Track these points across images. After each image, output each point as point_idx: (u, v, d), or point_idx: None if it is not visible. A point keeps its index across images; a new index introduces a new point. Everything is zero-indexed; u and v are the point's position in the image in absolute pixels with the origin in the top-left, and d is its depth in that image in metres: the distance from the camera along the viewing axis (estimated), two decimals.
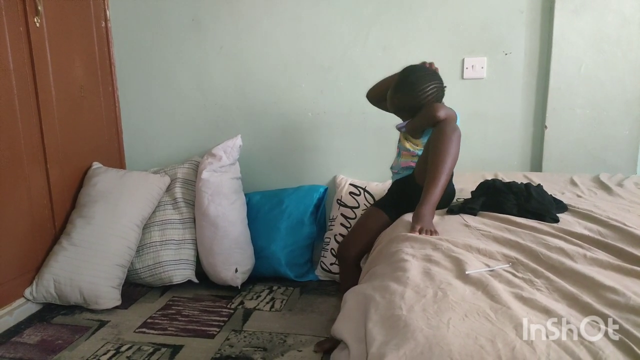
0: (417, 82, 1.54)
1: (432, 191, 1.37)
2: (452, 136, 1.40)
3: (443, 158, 1.38)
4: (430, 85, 1.54)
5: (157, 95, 2.55)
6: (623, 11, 2.03)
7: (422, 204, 1.36)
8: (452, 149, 1.39)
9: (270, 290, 2.24)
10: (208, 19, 2.42)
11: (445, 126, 1.43)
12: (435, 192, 1.37)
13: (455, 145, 1.40)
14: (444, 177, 1.38)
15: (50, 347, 1.74)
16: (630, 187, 1.76)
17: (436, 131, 1.44)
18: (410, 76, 1.57)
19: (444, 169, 1.38)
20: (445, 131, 1.41)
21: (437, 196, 1.38)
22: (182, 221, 2.29)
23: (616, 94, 2.09)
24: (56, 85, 2.14)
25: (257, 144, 2.48)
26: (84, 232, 2.07)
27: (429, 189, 1.38)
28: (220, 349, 1.71)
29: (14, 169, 1.95)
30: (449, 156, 1.38)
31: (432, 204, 1.36)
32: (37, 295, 2.01)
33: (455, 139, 1.40)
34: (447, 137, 1.40)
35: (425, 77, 1.55)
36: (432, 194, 1.37)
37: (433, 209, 1.37)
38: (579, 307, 0.82)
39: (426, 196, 1.37)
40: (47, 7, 2.07)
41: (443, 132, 1.41)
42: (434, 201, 1.37)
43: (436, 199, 1.37)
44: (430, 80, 1.54)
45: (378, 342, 0.78)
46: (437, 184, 1.37)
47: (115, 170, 2.35)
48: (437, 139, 1.42)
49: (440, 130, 1.43)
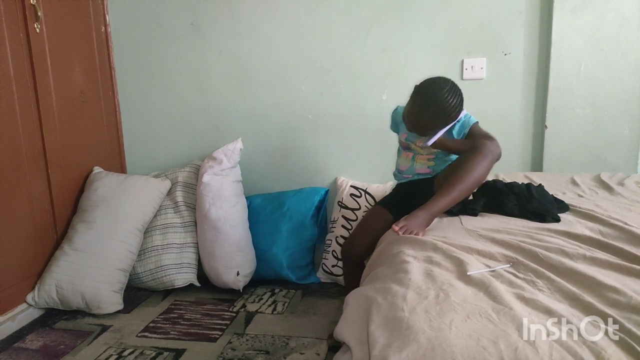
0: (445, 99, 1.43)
1: (440, 200, 1.35)
2: (487, 158, 1.37)
3: (469, 176, 1.35)
4: (454, 96, 1.45)
5: (158, 99, 2.55)
6: (622, 10, 2.03)
7: (424, 207, 1.34)
8: (482, 171, 1.36)
9: (272, 293, 2.24)
10: (207, 23, 2.42)
11: (484, 147, 1.39)
12: (443, 202, 1.35)
13: (486, 169, 1.37)
14: (458, 194, 1.35)
15: (52, 353, 1.74)
16: (631, 186, 1.76)
17: (476, 148, 1.40)
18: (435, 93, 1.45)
19: (464, 186, 1.35)
20: (483, 152, 1.37)
21: (442, 206, 1.35)
22: (184, 225, 2.29)
23: (616, 93, 2.09)
24: (56, 91, 2.14)
25: (258, 146, 2.49)
26: (85, 237, 2.08)
27: (438, 197, 1.35)
28: (222, 353, 1.71)
29: (15, 174, 1.95)
30: (474, 177, 1.35)
31: (433, 211, 1.34)
32: (39, 300, 2.01)
33: (488, 163, 1.37)
34: (483, 157, 1.37)
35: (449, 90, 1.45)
36: (438, 203, 1.34)
37: (432, 216, 1.34)
38: (581, 307, 0.82)
39: (432, 202, 1.35)
40: (46, 13, 2.07)
41: (481, 151, 1.38)
42: (437, 210, 1.35)
43: (440, 209, 1.35)
44: (454, 92, 1.45)
45: (380, 344, 0.78)
46: (449, 196, 1.34)
47: (116, 174, 2.35)
48: (474, 155, 1.38)
49: (479, 149, 1.39)
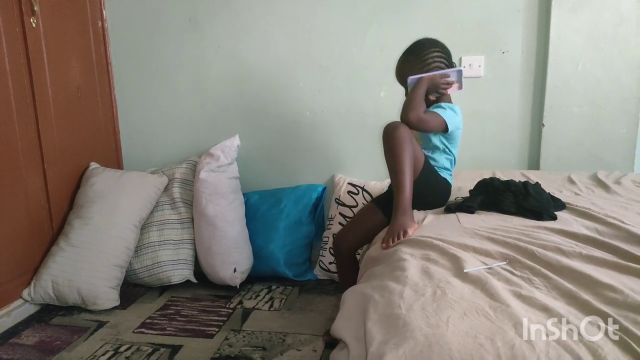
0: (422, 42, 1.59)
1: (399, 197, 1.38)
2: (393, 134, 1.41)
3: (397, 159, 1.39)
4: (437, 47, 1.58)
5: (155, 95, 2.54)
6: (620, 9, 2.03)
7: (394, 211, 1.38)
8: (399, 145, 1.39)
9: (269, 289, 2.24)
10: (205, 19, 2.41)
11: (387, 127, 1.44)
12: (402, 197, 1.38)
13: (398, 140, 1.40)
14: (404, 179, 1.39)
15: (48, 348, 1.74)
16: (627, 184, 1.76)
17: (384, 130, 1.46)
18: (418, 42, 1.60)
19: (402, 169, 1.39)
20: (388, 131, 1.43)
21: (405, 200, 1.38)
22: (181, 221, 2.28)
23: (613, 91, 2.10)
24: (53, 86, 2.13)
25: (255, 143, 2.48)
26: (81, 233, 2.07)
27: (396, 196, 1.40)
28: (219, 349, 1.71)
29: (11, 170, 1.94)
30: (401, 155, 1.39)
31: (403, 209, 1.37)
32: (35, 296, 2.01)
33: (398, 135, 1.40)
34: (390, 136, 1.42)
35: (432, 40, 1.59)
36: (399, 201, 1.38)
37: (405, 212, 1.37)
38: (578, 305, 0.82)
39: (396, 203, 1.39)
40: (43, 7, 2.06)
41: (387, 132, 1.43)
42: (404, 206, 1.37)
43: (405, 203, 1.38)
44: (437, 43, 1.59)
45: (377, 341, 0.78)
46: (401, 188, 1.39)
47: (112, 170, 2.34)
48: (385, 139, 1.44)
49: (385, 130, 1.45)
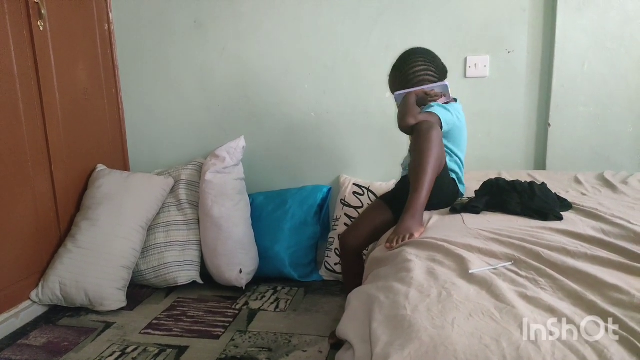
0: (406, 57, 1.50)
1: (415, 196, 1.33)
2: (427, 134, 1.34)
3: (425, 160, 1.33)
4: (418, 60, 1.48)
5: (160, 97, 2.56)
6: (626, 8, 2.02)
7: (406, 210, 1.33)
8: (431, 148, 1.33)
9: (275, 290, 2.24)
10: (210, 21, 2.42)
11: (420, 126, 1.37)
12: (419, 197, 1.33)
13: (433, 143, 1.33)
14: (427, 181, 1.33)
15: (56, 349, 1.75)
16: (634, 184, 1.75)
17: (416, 130, 1.39)
18: (401, 55, 1.53)
19: (427, 171, 1.32)
20: (421, 131, 1.36)
21: (421, 201, 1.33)
22: (187, 222, 2.29)
23: (620, 91, 2.09)
24: (60, 89, 2.15)
25: (261, 144, 2.49)
26: (88, 234, 2.08)
27: (412, 194, 1.34)
28: (225, 350, 1.71)
29: (19, 172, 1.96)
30: (430, 158, 1.33)
31: (416, 210, 1.32)
32: (42, 297, 2.02)
33: (432, 137, 1.34)
34: (424, 136, 1.35)
35: (417, 52, 1.49)
36: (415, 200, 1.33)
37: (416, 215, 1.32)
38: (584, 306, 0.82)
39: (410, 201, 1.34)
40: (50, 11, 2.08)
41: (420, 131, 1.36)
42: (418, 207, 1.33)
43: (420, 204, 1.33)
44: (421, 55, 1.49)
45: (383, 342, 0.78)
46: (421, 188, 1.32)
47: (119, 172, 2.35)
48: (417, 138, 1.37)
49: (418, 130, 1.38)
